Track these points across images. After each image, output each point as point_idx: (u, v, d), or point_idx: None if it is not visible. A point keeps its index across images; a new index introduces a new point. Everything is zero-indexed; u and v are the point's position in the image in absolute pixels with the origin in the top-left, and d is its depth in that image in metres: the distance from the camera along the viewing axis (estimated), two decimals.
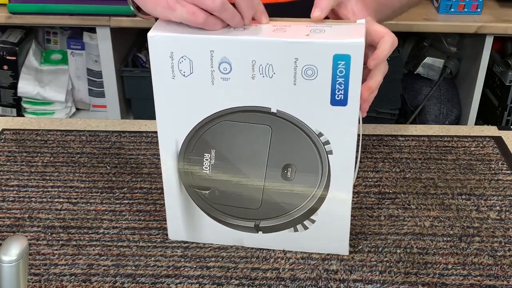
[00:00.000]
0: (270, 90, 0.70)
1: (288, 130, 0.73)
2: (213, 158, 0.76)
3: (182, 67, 0.71)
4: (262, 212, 0.79)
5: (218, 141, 0.75)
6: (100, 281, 0.78)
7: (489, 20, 1.87)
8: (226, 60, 0.70)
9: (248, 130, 0.74)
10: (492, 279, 0.78)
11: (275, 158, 0.75)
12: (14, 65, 2.10)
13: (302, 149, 0.74)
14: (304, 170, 0.75)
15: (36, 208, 0.90)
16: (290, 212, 0.78)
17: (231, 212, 0.80)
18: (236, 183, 0.77)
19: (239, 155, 0.76)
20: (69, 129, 1.09)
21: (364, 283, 0.78)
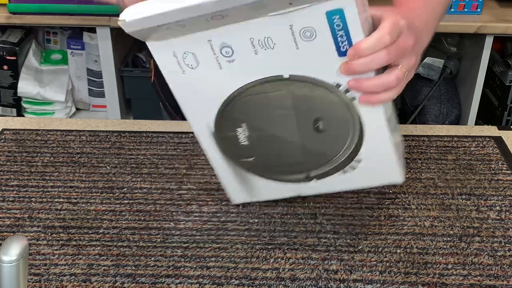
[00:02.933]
0: (276, 60, 0.71)
1: (307, 88, 0.73)
2: (247, 130, 0.78)
3: (188, 61, 0.73)
4: (308, 165, 0.80)
5: (245, 116, 0.77)
6: (100, 281, 0.78)
7: (489, 20, 1.87)
8: (226, 45, 0.70)
9: (269, 99, 0.75)
10: (492, 279, 0.78)
11: (302, 116, 0.76)
12: (14, 65, 2.10)
13: (326, 102, 0.73)
14: (333, 119, 0.75)
15: (36, 208, 0.90)
16: (333, 159, 0.79)
17: (280, 170, 0.82)
18: (275, 146, 0.79)
19: (269, 123, 0.77)
20: (69, 129, 1.09)
21: (364, 283, 0.78)
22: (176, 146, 1.04)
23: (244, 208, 0.89)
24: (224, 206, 0.90)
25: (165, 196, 0.92)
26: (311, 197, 0.91)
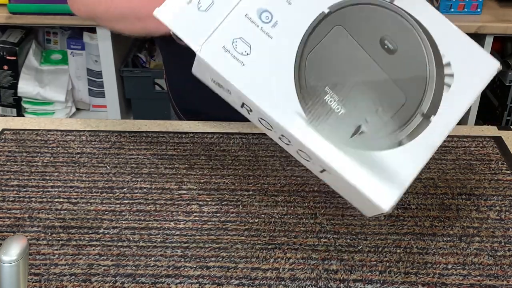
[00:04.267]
0: (309, 3, 0.68)
1: (352, 13, 0.69)
2: (334, 95, 0.69)
3: (240, 49, 0.68)
4: (413, 98, 0.71)
5: (322, 79, 0.69)
6: (100, 281, 0.78)
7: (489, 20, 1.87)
8: (262, 9, 0.68)
9: (329, 43, 0.69)
10: (492, 279, 0.78)
11: (367, 43, 0.70)
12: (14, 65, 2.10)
13: (383, 18, 0.70)
14: (397, 32, 0.70)
15: (36, 208, 0.90)
16: (425, 75, 0.71)
17: (393, 120, 0.70)
18: (370, 95, 0.70)
19: (346, 71, 0.70)
20: (69, 129, 1.09)
21: (364, 283, 0.78)
22: (176, 146, 1.04)
23: (244, 208, 0.89)
24: (224, 206, 0.90)
25: (165, 196, 0.92)
26: (311, 197, 0.91)
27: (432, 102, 0.71)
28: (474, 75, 0.73)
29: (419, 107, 0.70)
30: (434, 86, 0.71)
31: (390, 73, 0.70)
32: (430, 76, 0.71)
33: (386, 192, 0.67)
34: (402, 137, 0.69)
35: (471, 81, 0.72)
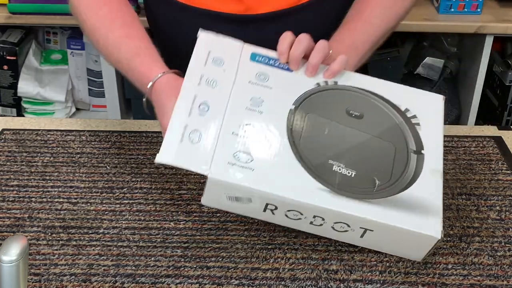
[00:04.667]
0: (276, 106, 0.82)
1: (315, 99, 0.83)
2: (339, 164, 0.79)
3: (243, 159, 0.76)
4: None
5: (319, 154, 0.79)
6: (100, 281, 0.78)
7: (489, 20, 1.87)
8: (245, 124, 0.79)
9: (310, 129, 0.80)
10: (492, 279, 0.78)
11: (337, 115, 0.82)
12: (14, 65, 2.10)
13: (338, 97, 0.84)
14: (357, 102, 0.84)
15: (36, 208, 0.90)
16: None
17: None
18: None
19: (336, 143, 0.80)
20: (69, 129, 1.09)
21: (364, 283, 0.78)
22: None
23: None
24: None
25: (165, 196, 0.92)
26: None
27: (415, 140, 0.82)
28: (430, 110, 0.85)
29: (408, 148, 0.81)
30: (408, 128, 0.83)
31: (369, 132, 0.82)
32: (399, 122, 0.83)
33: (430, 222, 0.76)
34: (410, 175, 0.79)
35: (431, 115, 0.85)
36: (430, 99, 0.87)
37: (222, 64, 0.83)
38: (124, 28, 0.93)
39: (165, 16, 1.05)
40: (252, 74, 0.83)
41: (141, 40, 0.92)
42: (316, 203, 0.75)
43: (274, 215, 0.78)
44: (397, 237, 0.77)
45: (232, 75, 0.83)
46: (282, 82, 0.83)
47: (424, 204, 0.77)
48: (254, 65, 0.85)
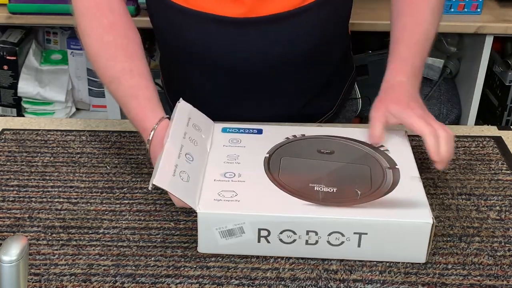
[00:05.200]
0: (252, 155, 0.90)
1: (287, 147, 0.92)
2: (320, 185, 0.83)
3: (228, 195, 0.81)
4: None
5: (300, 181, 0.84)
6: (100, 281, 0.78)
7: (489, 20, 1.87)
8: (225, 172, 0.85)
9: (286, 169, 0.87)
10: (492, 279, 0.78)
11: (310, 155, 0.90)
12: (14, 65, 2.10)
13: (307, 143, 0.93)
14: (325, 144, 0.92)
15: (36, 208, 0.90)
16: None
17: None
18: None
19: (314, 173, 0.86)
20: (69, 129, 1.09)
21: (364, 283, 0.78)
22: None
23: None
24: None
25: (165, 196, 0.92)
26: None
27: (387, 160, 0.89)
28: (396, 141, 0.93)
29: (382, 166, 0.87)
30: (378, 153, 0.90)
31: (343, 160, 0.89)
32: (369, 151, 0.91)
33: (419, 212, 0.79)
34: (390, 184, 0.84)
35: (398, 144, 0.92)
36: (393, 134, 0.94)
37: (200, 131, 0.92)
38: (126, 62, 0.95)
39: (166, 19, 1.05)
40: (226, 140, 0.93)
41: (141, 77, 0.94)
42: (305, 215, 0.78)
43: (270, 243, 0.79)
44: (392, 236, 0.78)
45: (209, 141, 0.92)
46: (254, 141, 0.93)
47: (409, 200, 0.81)
48: (226, 134, 0.94)
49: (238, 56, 1.02)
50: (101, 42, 0.96)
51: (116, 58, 0.95)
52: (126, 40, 0.96)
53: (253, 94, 1.09)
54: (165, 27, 1.06)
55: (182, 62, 1.10)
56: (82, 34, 0.98)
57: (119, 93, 0.95)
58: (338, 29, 1.12)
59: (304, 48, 1.04)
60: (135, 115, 0.93)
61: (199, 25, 1.01)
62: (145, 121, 0.91)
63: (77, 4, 0.98)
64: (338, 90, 1.20)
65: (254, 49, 1.01)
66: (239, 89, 1.08)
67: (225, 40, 1.01)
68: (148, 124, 0.90)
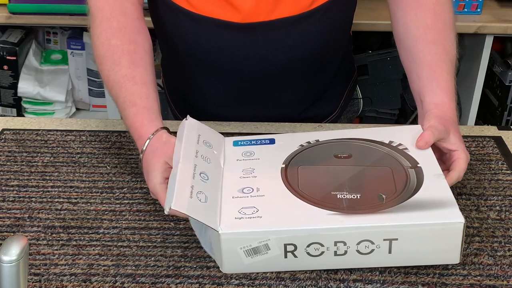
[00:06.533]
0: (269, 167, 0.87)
1: (301, 155, 0.90)
2: (343, 192, 0.81)
3: (249, 212, 0.79)
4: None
5: (320, 190, 0.81)
6: (100, 281, 0.78)
7: (489, 20, 1.87)
8: (243, 187, 0.83)
9: (305, 177, 0.84)
10: (492, 279, 0.78)
11: (327, 161, 0.88)
12: (14, 65, 2.10)
13: (322, 148, 0.90)
14: (341, 147, 0.90)
15: (36, 208, 0.90)
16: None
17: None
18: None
19: (336, 180, 0.84)
20: (69, 129, 1.09)
21: (364, 283, 0.78)
22: None
23: None
24: None
25: None
26: None
27: (407, 159, 0.86)
28: (413, 137, 0.88)
29: (404, 166, 0.85)
30: (397, 153, 0.87)
31: (362, 164, 0.86)
32: (388, 151, 0.88)
33: (449, 211, 0.76)
34: (414, 185, 0.81)
35: (415, 140, 0.88)
36: (409, 130, 0.91)
37: (211, 147, 0.89)
38: (130, 68, 0.94)
39: (171, 22, 1.04)
40: (239, 154, 0.90)
41: (143, 86, 0.93)
42: (332, 225, 0.75)
43: (297, 258, 0.77)
44: (423, 239, 0.76)
45: (221, 157, 0.90)
46: (267, 152, 0.90)
47: (436, 200, 0.78)
48: (238, 148, 0.92)
49: (243, 60, 1.02)
50: (109, 45, 0.95)
51: (120, 63, 0.94)
52: (134, 45, 0.95)
53: (257, 97, 1.09)
54: (169, 30, 1.05)
55: (185, 64, 1.10)
56: (92, 35, 0.98)
57: (119, 99, 0.94)
58: (341, 34, 1.12)
59: (308, 53, 1.04)
60: (132, 122, 0.91)
61: (204, 29, 1.00)
62: (141, 130, 0.89)
63: (91, 4, 0.98)
64: (341, 92, 1.20)
65: (258, 54, 1.01)
66: (243, 92, 1.08)
67: (229, 44, 1.01)
68: (144, 133, 0.89)
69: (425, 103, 0.93)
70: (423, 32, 0.96)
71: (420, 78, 0.95)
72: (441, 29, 0.97)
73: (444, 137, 0.88)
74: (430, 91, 0.93)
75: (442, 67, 0.94)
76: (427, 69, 0.95)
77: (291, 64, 1.04)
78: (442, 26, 0.97)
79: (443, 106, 0.91)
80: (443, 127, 0.88)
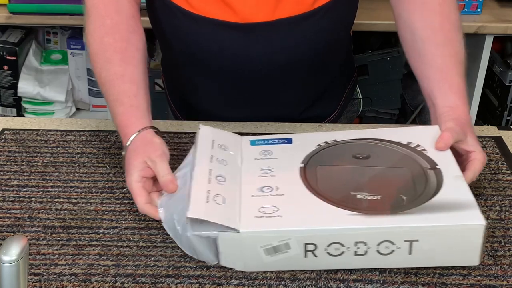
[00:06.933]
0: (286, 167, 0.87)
1: (319, 155, 0.90)
2: (362, 192, 0.81)
3: (269, 210, 0.79)
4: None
5: (340, 191, 0.82)
6: (100, 281, 0.78)
7: (489, 20, 1.87)
8: (262, 186, 0.83)
9: (324, 177, 0.85)
10: (492, 279, 0.78)
11: (346, 161, 0.88)
12: (14, 65, 2.10)
13: (340, 149, 0.91)
14: (359, 148, 0.90)
15: (36, 208, 0.90)
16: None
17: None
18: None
19: (354, 180, 0.84)
20: (69, 129, 1.09)
21: (364, 283, 0.78)
22: (176, 146, 1.04)
23: None
24: None
25: None
26: None
27: (426, 160, 0.86)
28: (431, 138, 0.89)
29: (423, 168, 0.84)
30: (415, 154, 0.87)
31: (381, 164, 0.86)
32: (406, 152, 0.88)
33: (470, 213, 0.77)
34: (434, 186, 0.81)
35: (433, 141, 0.88)
36: (427, 130, 0.91)
37: (227, 149, 0.90)
38: (121, 66, 0.94)
39: (170, 22, 1.04)
40: (256, 153, 0.91)
41: (132, 84, 0.93)
42: (353, 226, 0.76)
43: (317, 257, 0.77)
44: (444, 240, 0.76)
45: (239, 156, 0.90)
46: (285, 152, 0.91)
47: (457, 201, 0.78)
48: (256, 147, 0.92)
49: (243, 61, 1.02)
50: (101, 43, 0.96)
51: (111, 61, 0.95)
52: (126, 43, 0.96)
53: (257, 97, 1.09)
54: (169, 30, 1.05)
55: (185, 65, 1.10)
56: (86, 32, 0.98)
57: (108, 96, 0.94)
58: (342, 34, 1.12)
59: (308, 53, 1.04)
60: (120, 121, 0.92)
61: (203, 29, 1.00)
62: (126, 128, 0.90)
63: (86, 1, 0.98)
64: (341, 92, 1.20)
65: (259, 54, 1.01)
66: (243, 92, 1.08)
67: (229, 44, 1.01)
68: (129, 131, 0.89)
69: (438, 106, 0.93)
70: (431, 34, 0.96)
71: (430, 80, 0.95)
72: (449, 30, 0.97)
73: (461, 138, 0.88)
74: (443, 94, 0.93)
75: (452, 70, 0.94)
76: (438, 71, 0.95)
77: (291, 65, 1.03)
78: (450, 27, 0.97)
79: (457, 109, 0.92)
80: (461, 129, 0.89)
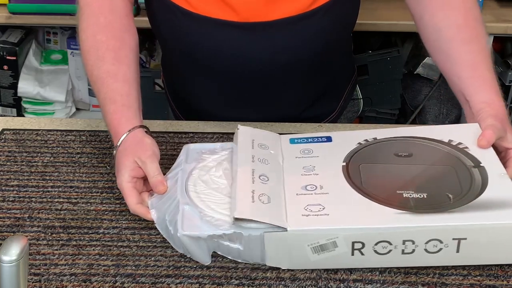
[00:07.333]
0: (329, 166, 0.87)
1: (361, 153, 0.90)
2: (408, 191, 0.81)
3: (315, 209, 0.79)
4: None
5: (385, 190, 0.81)
6: (100, 281, 0.78)
7: (489, 20, 1.87)
8: (306, 185, 0.83)
9: (367, 175, 0.85)
10: (492, 279, 0.78)
11: (388, 160, 0.88)
12: (14, 65, 2.10)
13: (381, 146, 0.90)
14: (401, 146, 0.89)
15: (36, 208, 0.90)
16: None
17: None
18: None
19: (398, 179, 0.84)
20: (69, 129, 1.09)
21: (364, 283, 0.78)
22: (176, 146, 1.04)
23: None
24: None
25: None
26: None
27: (469, 158, 0.85)
28: (472, 136, 0.88)
29: (466, 166, 0.84)
30: (458, 152, 0.87)
31: (425, 162, 0.86)
32: (449, 150, 0.87)
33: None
34: (479, 185, 0.81)
35: (475, 139, 0.88)
36: (468, 129, 0.91)
37: (267, 148, 0.91)
38: (114, 65, 0.95)
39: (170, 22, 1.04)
40: (297, 151, 0.91)
41: (125, 83, 0.94)
42: (402, 224, 0.76)
43: (364, 255, 0.77)
44: (492, 238, 0.76)
45: (279, 155, 0.91)
46: (326, 150, 0.91)
47: (503, 200, 0.78)
48: (296, 146, 0.92)
49: (242, 61, 1.02)
50: (94, 40, 0.96)
51: (104, 59, 0.95)
52: (119, 42, 0.96)
53: (256, 97, 1.09)
54: (168, 30, 1.05)
55: (184, 65, 1.10)
56: (78, 30, 0.98)
57: (100, 95, 0.94)
58: (343, 34, 1.12)
59: (308, 53, 1.03)
60: (110, 120, 0.92)
61: (203, 28, 1.00)
62: (117, 127, 0.90)
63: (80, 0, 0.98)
64: (341, 92, 1.20)
65: (258, 54, 1.01)
66: (243, 92, 1.08)
67: (229, 44, 1.00)
68: (120, 130, 0.90)
69: (473, 102, 0.93)
70: (456, 32, 0.96)
71: (461, 78, 0.95)
72: (474, 26, 0.97)
73: (502, 135, 0.88)
74: (477, 90, 0.94)
75: (483, 65, 0.95)
76: (468, 69, 0.95)
77: (291, 65, 1.03)
78: (474, 23, 0.97)
79: (494, 105, 0.92)
80: (501, 126, 0.88)
